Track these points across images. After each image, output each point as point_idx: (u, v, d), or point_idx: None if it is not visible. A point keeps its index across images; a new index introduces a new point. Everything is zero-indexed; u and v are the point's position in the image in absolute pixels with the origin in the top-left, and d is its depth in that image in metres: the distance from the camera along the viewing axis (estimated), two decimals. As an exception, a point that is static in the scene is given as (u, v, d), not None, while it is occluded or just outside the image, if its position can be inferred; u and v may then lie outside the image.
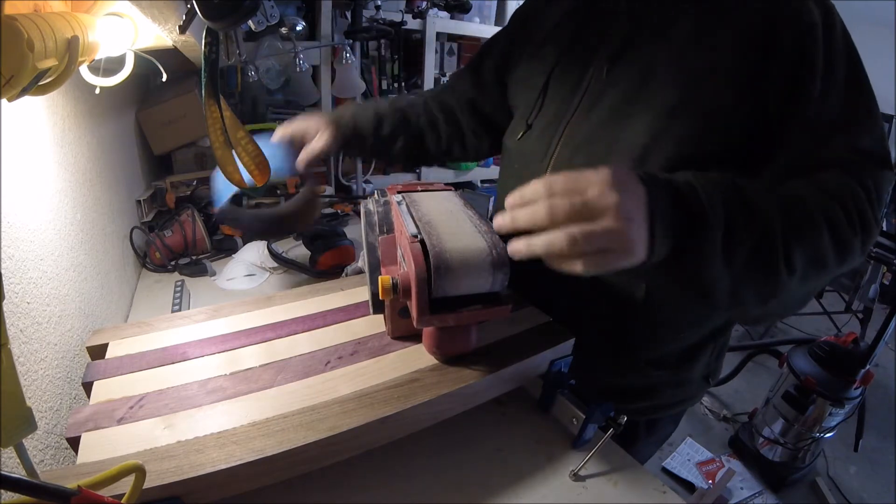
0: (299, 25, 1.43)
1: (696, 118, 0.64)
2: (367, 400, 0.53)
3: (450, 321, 0.53)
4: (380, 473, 0.57)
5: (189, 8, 0.59)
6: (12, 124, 0.57)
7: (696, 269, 0.48)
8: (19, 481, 0.29)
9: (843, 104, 0.59)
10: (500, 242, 0.53)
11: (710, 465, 1.93)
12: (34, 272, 0.57)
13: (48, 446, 0.54)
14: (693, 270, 0.49)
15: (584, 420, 0.60)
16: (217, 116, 0.76)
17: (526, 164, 0.78)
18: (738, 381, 2.32)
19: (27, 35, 0.38)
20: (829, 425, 1.75)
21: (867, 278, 2.36)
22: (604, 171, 0.44)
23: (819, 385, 1.69)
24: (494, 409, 0.67)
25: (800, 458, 1.84)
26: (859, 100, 0.61)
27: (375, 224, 0.65)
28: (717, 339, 0.80)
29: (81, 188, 0.78)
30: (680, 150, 0.64)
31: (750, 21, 0.62)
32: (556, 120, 0.75)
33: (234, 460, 0.44)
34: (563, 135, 0.74)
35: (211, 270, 1.11)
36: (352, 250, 1.14)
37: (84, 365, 0.60)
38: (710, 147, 0.64)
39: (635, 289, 0.69)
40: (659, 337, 0.74)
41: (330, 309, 0.72)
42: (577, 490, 0.57)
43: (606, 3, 0.73)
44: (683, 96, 0.64)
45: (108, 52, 0.65)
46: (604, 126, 0.70)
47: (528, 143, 0.79)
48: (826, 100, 0.59)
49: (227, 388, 0.55)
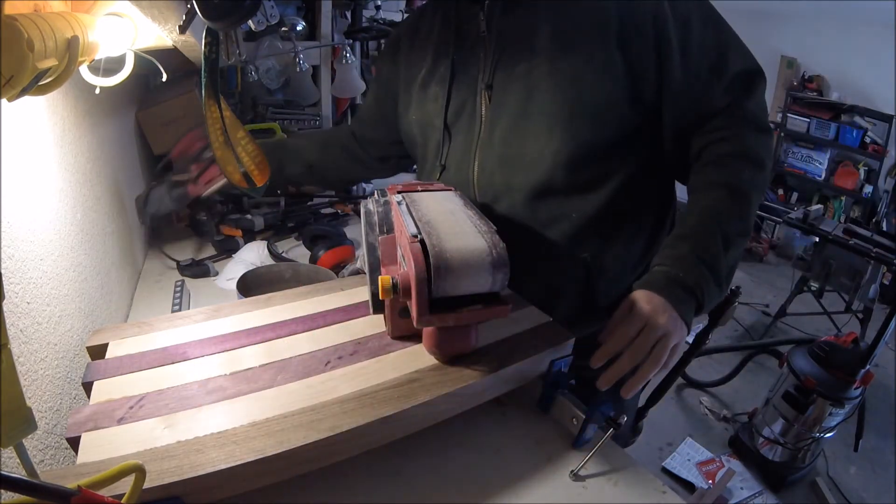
0: (299, 25, 1.43)
1: (584, 116, 0.73)
2: (367, 400, 0.53)
3: (450, 321, 0.53)
4: (380, 473, 0.57)
5: (189, 8, 0.59)
6: (12, 124, 0.57)
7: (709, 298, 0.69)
8: (19, 481, 0.29)
9: (708, 49, 0.71)
10: (500, 242, 0.53)
11: (710, 465, 1.93)
12: (34, 272, 0.57)
13: (48, 446, 0.54)
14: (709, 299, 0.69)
15: (583, 420, 0.60)
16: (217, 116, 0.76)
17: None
18: (738, 381, 2.32)
19: (27, 35, 0.38)
20: (829, 425, 1.75)
21: (867, 278, 2.36)
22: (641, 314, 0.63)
23: (819, 385, 1.69)
24: (494, 409, 0.67)
25: (800, 458, 1.84)
26: (720, 36, 0.72)
27: (375, 224, 0.65)
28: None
29: (81, 188, 0.78)
30: (579, 148, 0.74)
31: (604, 18, 0.70)
32: (466, 152, 0.82)
33: (234, 460, 0.44)
34: (476, 163, 0.81)
35: (213, 271, 1.11)
36: (352, 250, 1.14)
37: (84, 365, 0.60)
38: (606, 138, 0.74)
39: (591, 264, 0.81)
40: (612, 288, 0.84)
41: (330, 309, 0.72)
42: (576, 490, 0.57)
43: (470, 29, 0.79)
44: (566, 99, 0.72)
45: (108, 52, 0.65)
46: (508, 145, 0.78)
47: (448, 179, 0.85)
48: (689, 59, 0.71)
49: (227, 388, 0.55)
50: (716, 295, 0.68)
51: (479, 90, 0.79)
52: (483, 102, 0.79)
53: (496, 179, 0.80)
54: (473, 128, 0.81)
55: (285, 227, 1.32)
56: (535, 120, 0.75)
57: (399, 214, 0.60)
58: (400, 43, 0.92)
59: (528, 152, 0.76)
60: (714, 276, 0.67)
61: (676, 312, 0.64)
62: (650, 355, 0.63)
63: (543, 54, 0.73)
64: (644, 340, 0.63)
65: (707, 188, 0.72)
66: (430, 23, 0.87)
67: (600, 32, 0.70)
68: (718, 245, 0.67)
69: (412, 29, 0.91)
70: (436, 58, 0.84)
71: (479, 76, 0.79)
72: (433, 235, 0.53)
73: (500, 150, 0.78)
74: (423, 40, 0.87)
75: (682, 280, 0.66)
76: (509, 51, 0.75)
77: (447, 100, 0.82)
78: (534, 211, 0.79)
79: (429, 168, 0.90)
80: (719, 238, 0.68)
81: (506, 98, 0.77)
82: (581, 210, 0.78)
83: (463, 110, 0.82)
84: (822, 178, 4.00)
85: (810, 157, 4.05)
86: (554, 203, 0.78)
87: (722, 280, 0.68)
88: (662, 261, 0.69)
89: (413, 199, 0.64)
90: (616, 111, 0.73)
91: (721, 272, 0.67)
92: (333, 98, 1.62)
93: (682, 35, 0.70)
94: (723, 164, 0.71)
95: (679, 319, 0.64)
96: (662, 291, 0.65)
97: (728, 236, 0.68)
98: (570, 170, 0.75)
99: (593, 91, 0.72)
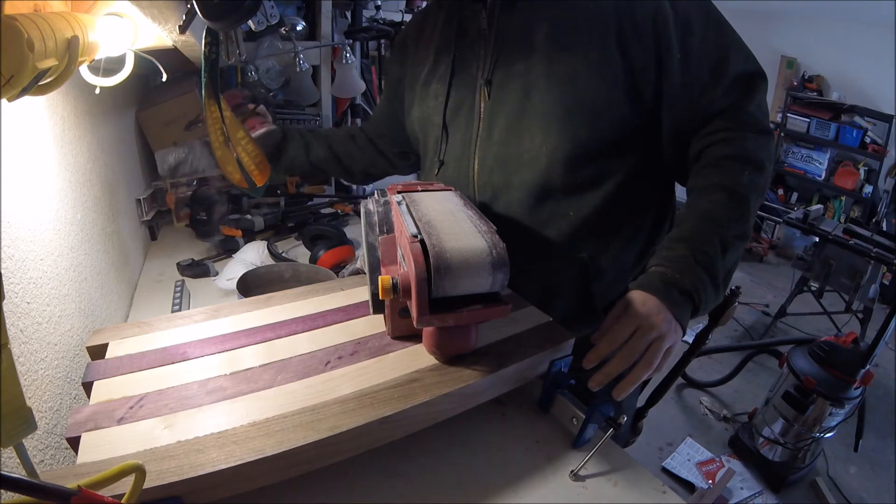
0: (299, 25, 1.43)
1: (581, 115, 0.73)
2: (367, 400, 0.53)
3: (450, 321, 0.53)
4: (380, 473, 0.57)
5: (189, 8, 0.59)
6: (12, 124, 0.57)
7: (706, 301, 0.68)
8: (19, 481, 0.29)
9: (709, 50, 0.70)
10: (499, 242, 0.53)
11: (710, 465, 1.93)
12: (34, 272, 0.57)
13: (48, 446, 0.54)
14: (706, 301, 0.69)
15: (583, 420, 0.60)
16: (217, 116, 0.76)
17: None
18: (738, 381, 2.32)
19: (27, 35, 0.38)
20: (829, 425, 1.75)
21: (867, 278, 2.36)
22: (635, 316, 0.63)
23: (819, 385, 1.69)
24: (494, 409, 0.67)
25: (800, 458, 1.84)
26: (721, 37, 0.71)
27: (375, 224, 0.65)
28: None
29: (81, 188, 0.78)
30: (577, 147, 0.74)
31: (602, 18, 0.70)
32: (465, 149, 0.83)
33: (234, 460, 0.44)
34: (475, 160, 0.82)
35: (213, 271, 1.11)
36: (352, 250, 1.14)
37: (84, 365, 0.60)
38: (604, 137, 0.74)
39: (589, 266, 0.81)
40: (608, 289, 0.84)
41: (330, 309, 0.72)
42: (576, 490, 0.57)
43: (472, 26, 0.80)
44: (563, 98, 0.72)
45: (108, 52, 0.65)
46: (506, 143, 0.78)
47: (447, 175, 0.86)
48: (690, 60, 0.70)
49: (227, 388, 0.55)
50: (712, 298, 0.68)
51: (479, 87, 0.79)
52: (482, 99, 0.79)
53: (495, 177, 0.80)
54: (472, 125, 0.81)
55: (285, 227, 1.32)
56: (533, 118, 0.75)
57: (399, 214, 0.60)
58: (406, 43, 0.93)
59: (526, 150, 0.76)
60: (711, 279, 0.66)
61: (672, 314, 0.64)
62: (643, 357, 0.62)
63: (541, 53, 0.73)
64: (637, 342, 0.62)
65: (706, 190, 0.71)
66: (433, 22, 0.87)
67: (598, 32, 0.70)
68: (716, 248, 0.67)
69: (417, 29, 0.91)
70: (438, 56, 0.85)
71: (479, 73, 0.79)
72: (433, 235, 0.53)
73: (498, 147, 0.79)
74: (427, 39, 0.88)
75: (679, 282, 0.65)
76: (508, 48, 0.76)
77: (447, 96, 0.83)
78: (532, 209, 0.79)
79: (428, 164, 0.91)
80: (717, 241, 0.67)
81: (504, 96, 0.77)
82: (579, 209, 0.78)
83: (462, 107, 0.82)
84: (822, 178, 4.00)
85: (810, 157, 4.05)
86: (552, 202, 0.78)
87: (719, 283, 0.67)
88: (659, 262, 0.68)
89: (413, 199, 0.64)
90: (614, 111, 0.73)
91: (718, 275, 0.67)
92: (333, 98, 1.62)
93: (684, 35, 0.69)
94: (722, 166, 0.71)
95: (674, 321, 0.64)
96: (658, 293, 0.65)
97: (726, 239, 0.67)
98: (568, 168, 0.75)
99: (590, 90, 0.71)
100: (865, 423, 1.90)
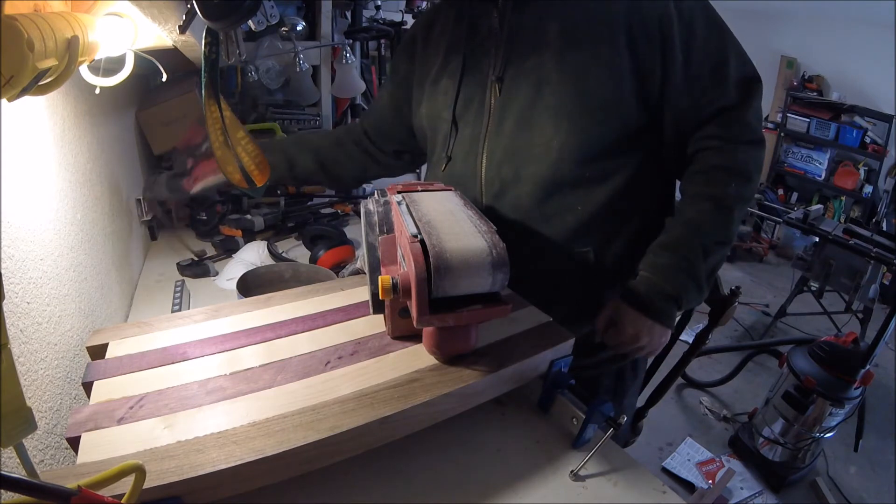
0: (299, 25, 1.43)
1: (590, 111, 0.75)
2: (367, 400, 0.53)
3: (450, 321, 0.53)
4: (380, 473, 0.57)
5: (189, 8, 0.59)
6: (12, 124, 0.57)
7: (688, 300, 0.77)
8: (19, 481, 0.29)
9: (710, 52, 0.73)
10: (499, 242, 0.53)
11: (710, 465, 1.93)
12: (34, 272, 0.57)
13: (48, 446, 0.54)
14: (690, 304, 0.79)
15: (583, 420, 0.60)
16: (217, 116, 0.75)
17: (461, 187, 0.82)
18: (738, 381, 2.32)
19: (27, 35, 0.38)
20: (829, 425, 1.75)
21: (867, 278, 2.36)
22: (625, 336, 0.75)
23: (819, 385, 1.69)
24: (494, 409, 0.67)
25: (800, 458, 1.84)
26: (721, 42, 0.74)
27: (375, 224, 0.65)
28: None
29: (81, 188, 0.78)
30: (585, 142, 0.76)
31: (612, 18, 0.72)
32: (474, 144, 0.83)
33: (234, 460, 0.44)
34: (483, 155, 0.82)
35: (213, 271, 1.11)
36: (352, 250, 1.14)
37: (84, 365, 0.60)
38: (612, 133, 0.76)
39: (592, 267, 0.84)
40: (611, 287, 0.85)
41: (330, 309, 0.72)
42: (576, 490, 0.57)
43: (483, 24, 0.81)
44: (573, 94, 0.74)
45: (108, 52, 0.65)
46: (516, 137, 0.79)
47: (455, 170, 0.86)
48: (691, 60, 0.72)
49: (227, 388, 0.55)
50: (695, 297, 0.76)
51: (489, 83, 0.80)
52: (492, 95, 0.80)
53: (504, 170, 0.80)
54: (482, 119, 0.82)
55: (285, 227, 1.32)
56: (544, 112, 0.76)
57: (399, 214, 0.60)
58: (416, 40, 0.93)
59: (536, 144, 0.77)
60: (694, 282, 0.75)
61: (659, 325, 0.75)
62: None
63: (553, 49, 0.74)
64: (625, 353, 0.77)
65: (693, 200, 0.77)
66: (444, 20, 0.88)
67: (609, 31, 0.72)
68: (699, 255, 0.74)
69: (426, 27, 0.92)
70: (448, 53, 0.85)
71: (490, 70, 0.80)
72: (433, 235, 0.53)
73: (508, 140, 0.79)
74: (437, 37, 0.88)
75: (663, 289, 0.74)
76: (520, 46, 0.77)
77: (457, 92, 0.83)
78: (541, 202, 0.79)
79: (435, 160, 0.91)
80: (700, 249, 0.74)
81: (515, 91, 0.78)
82: (586, 204, 0.79)
83: (471, 103, 0.83)
84: (822, 178, 4.00)
85: (810, 157, 4.05)
86: (560, 195, 0.79)
87: (702, 283, 0.75)
88: (645, 268, 0.77)
89: (413, 199, 0.64)
90: (623, 108, 0.75)
91: (701, 277, 0.75)
92: (333, 98, 1.62)
93: (686, 36, 0.71)
94: (711, 175, 0.76)
95: (660, 327, 0.75)
96: (646, 308, 0.74)
97: (708, 247, 0.75)
98: (577, 163, 0.76)
99: (599, 87, 0.73)
100: (865, 423, 1.90)
